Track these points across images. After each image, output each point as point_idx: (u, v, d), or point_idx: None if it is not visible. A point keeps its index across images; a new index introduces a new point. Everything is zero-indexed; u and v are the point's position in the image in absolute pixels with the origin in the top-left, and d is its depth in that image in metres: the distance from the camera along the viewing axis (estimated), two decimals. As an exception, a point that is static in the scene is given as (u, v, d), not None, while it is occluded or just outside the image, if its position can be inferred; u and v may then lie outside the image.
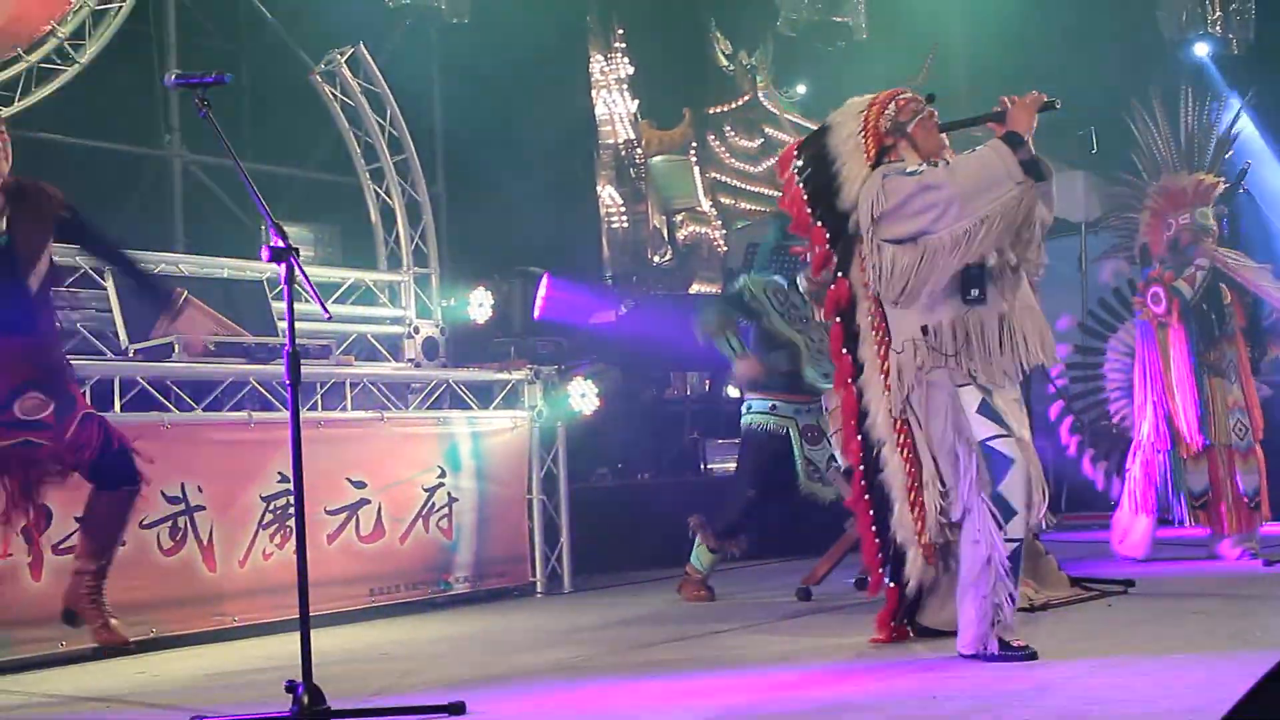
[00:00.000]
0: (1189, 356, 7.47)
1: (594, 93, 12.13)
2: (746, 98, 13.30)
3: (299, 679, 3.92)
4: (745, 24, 13.04)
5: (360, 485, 6.77)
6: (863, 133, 5.02)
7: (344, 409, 7.07)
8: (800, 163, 5.15)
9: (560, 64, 11.05)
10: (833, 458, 6.58)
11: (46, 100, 7.31)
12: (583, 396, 8.30)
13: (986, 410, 4.72)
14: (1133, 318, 7.88)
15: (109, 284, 6.52)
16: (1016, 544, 4.69)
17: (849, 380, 5.04)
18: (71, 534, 5.47)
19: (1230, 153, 7.81)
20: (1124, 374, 8.00)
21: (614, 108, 12.37)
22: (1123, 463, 7.89)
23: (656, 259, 12.55)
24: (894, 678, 4.41)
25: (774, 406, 6.79)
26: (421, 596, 6.99)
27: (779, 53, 13.24)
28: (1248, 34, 12.21)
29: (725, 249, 12.61)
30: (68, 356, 4.94)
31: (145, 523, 5.80)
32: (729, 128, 13.15)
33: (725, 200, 13.07)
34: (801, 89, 13.55)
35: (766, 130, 13.42)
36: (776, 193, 11.14)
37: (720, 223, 12.87)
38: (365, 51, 8.41)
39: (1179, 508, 7.50)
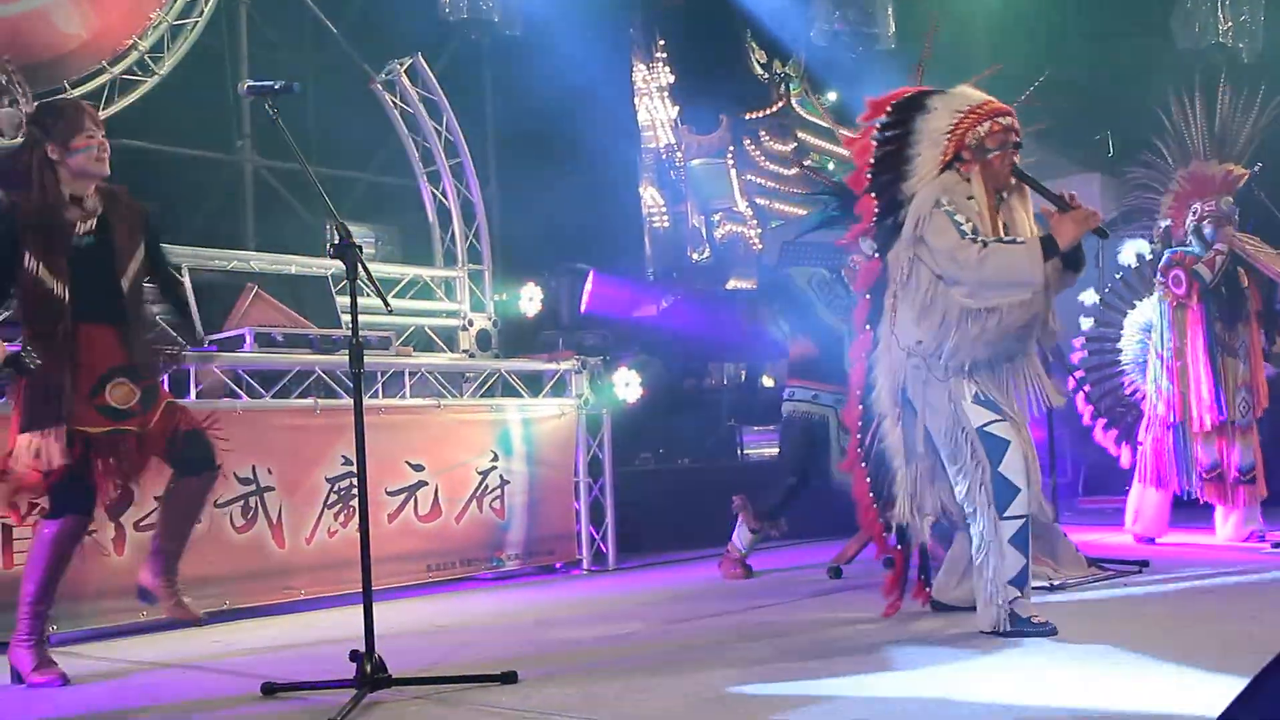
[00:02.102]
0: (1206, 336, 7.41)
1: (636, 100, 12.11)
2: (780, 104, 13.25)
3: (362, 649, 3.94)
4: (780, 35, 12.98)
5: (419, 468, 6.80)
6: (950, 134, 4.87)
7: (403, 397, 7.10)
8: (886, 121, 4.96)
9: (605, 73, 11.02)
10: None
11: (128, 109, 7.37)
12: (627, 385, 8.30)
13: (980, 399, 4.74)
14: (1150, 295, 7.82)
15: (185, 279, 6.56)
16: (1023, 519, 4.69)
17: (865, 354, 5.03)
18: (152, 512, 5.51)
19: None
20: (1140, 349, 7.94)
21: (655, 114, 12.34)
22: (1133, 433, 7.83)
23: (695, 256, 12.53)
24: (917, 656, 4.39)
25: (816, 396, 6.75)
26: (475, 573, 7.01)
27: (811, 61, 13.17)
28: (1257, 43, 12.06)
29: (760, 247, 12.58)
30: (155, 348, 4.95)
31: (219, 502, 5.85)
32: (764, 133, 13.09)
33: (760, 201, 13.02)
34: (832, 96, 13.49)
35: (799, 135, 13.36)
36: (808, 194, 11.11)
37: (756, 222, 12.82)
38: (423, 62, 8.43)
39: (1186, 481, 7.43)
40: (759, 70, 13.02)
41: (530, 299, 8.92)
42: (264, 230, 8.82)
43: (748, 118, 13.11)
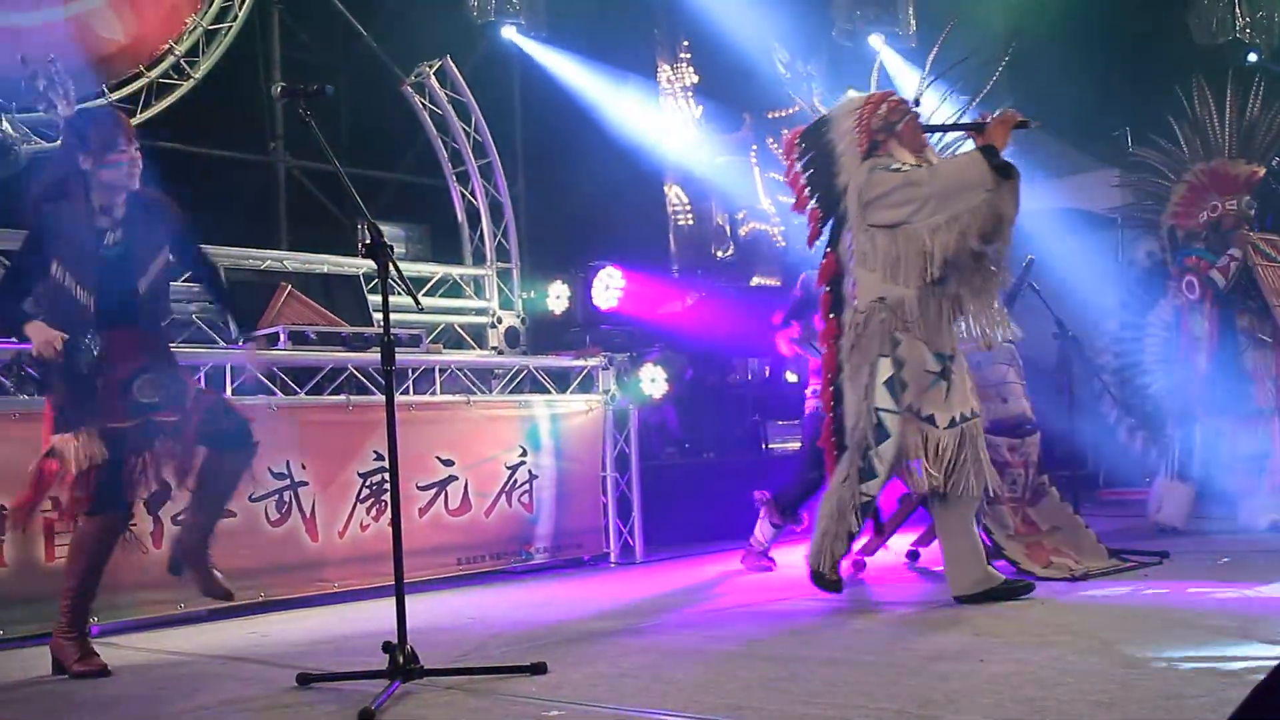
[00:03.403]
0: (1221, 335, 7.34)
1: (661, 99, 12.08)
2: (803, 103, 13.20)
3: (395, 640, 3.95)
4: (802, 34, 12.92)
5: (449, 463, 6.81)
6: (857, 128, 5.36)
7: (433, 393, 7.11)
8: (802, 148, 5.53)
9: (629, 73, 11.02)
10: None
11: (165, 112, 7.41)
12: (653, 381, 8.29)
13: (891, 385, 5.13)
14: (1167, 297, 7.76)
15: (222, 280, 6.59)
16: (870, 499, 5.27)
17: (832, 340, 5.40)
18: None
19: None
20: (1162, 347, 7.87)
21: (679, 113, 12.31)
22: (1159, 432, 7.77)
23: (720, 254, 12.48)
24: (940, 633, 4.38)
25: None
26: (505, 565, 7.02)
27: (833, 61, 13.11)
28: (1273, 40, 11.97)
29: (783, 244, 12.53)
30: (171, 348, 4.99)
31: (254, 496, 5.88)
32: (787, 132, 13.06)
33: (783, 199, 12.97)
34: (854, 94, 13.45)
35: (822, 133, 13.32)
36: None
37: (779, 219, 12.78)
38: (452, 64, 8.44)
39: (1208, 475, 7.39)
40: (782, 70, 12.96)
41: (557, 297, 8.93)
42: (296, 230, 8.85)
43: (770, 117, 13.05)
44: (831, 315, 5.40)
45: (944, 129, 5.58)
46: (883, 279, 5.15)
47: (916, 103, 5.46)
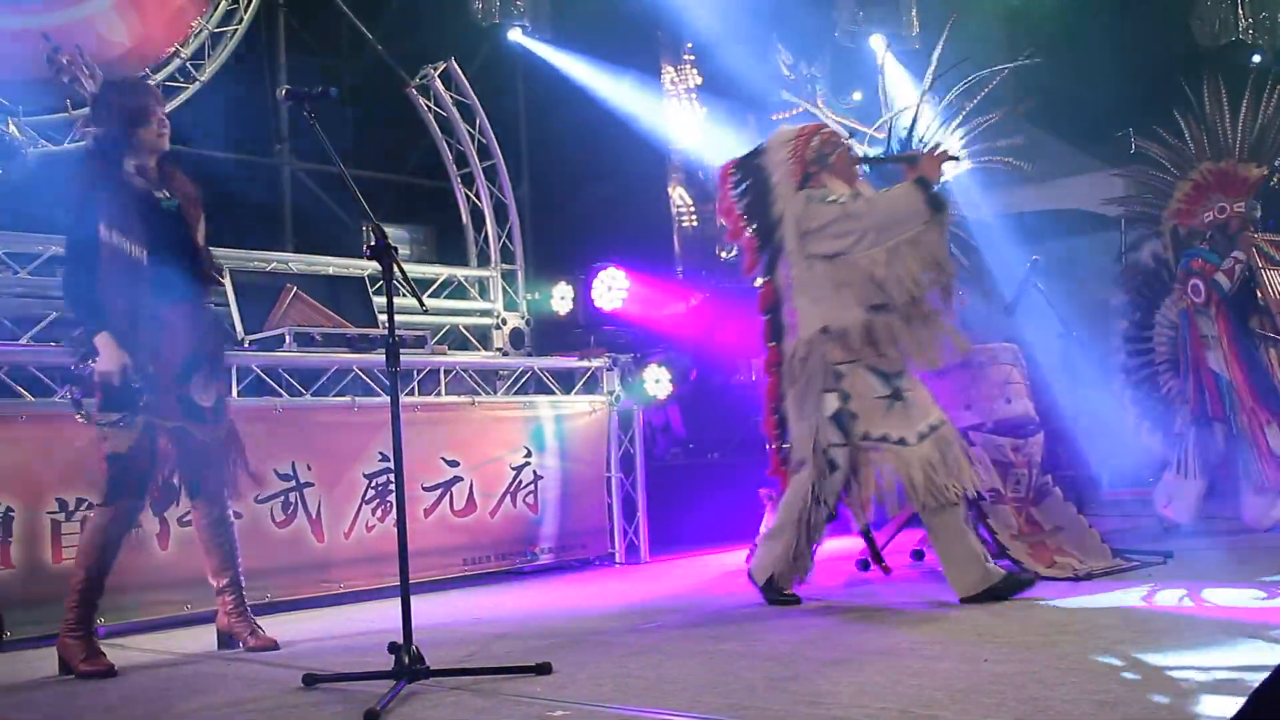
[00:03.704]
0: (1234, 334, 7.33)
1: (665, 101, 12.08)
2: (807, 105, 13.20)
3: (400, 641, 3.95)
4: (805, 36, 12.91)
5: (454, 464, 6.82)
6: (792, 159, 5.46)
7: (438, 394, 7.12)
8: (736, 178, 5.60)
9: (633, 76, 11.02)
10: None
11: (170, 114, 7.40)
12: (657, 382, 8.29)
13: (839, 418, 5.25)
14: (1172, 298, 7.74)
15: (226, 280, 6.61)
16: (819, 526, 5.41)
17: (773, 367, 5.52)
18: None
19: None
20: (1170, 347, 7.85)
21: (684, 115, 12.32)
22: (1169, 428, 7.75)
23: (724, 255, 12.49)
24: (944, 633, 4.37)
25: None
26: (510, 566, 7.03)
27: (837, 62, 13.11)
28: (1275, 41, 11.94)
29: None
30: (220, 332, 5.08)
31: (260, 498, 5.89)
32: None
33: (954, 156, 12.96)
34: (858, 96, 13.43)
35: (825, 135, 13.31)
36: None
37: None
38: (457, 67, 8.44)
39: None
40: (785, 71, 12.95)
41: (562, 298, 8.94)
42: (301, 232, 8.87)
43: (774, 118, 13.05)
44: (772, 343, 5.53)
45: (875, 161, 5.71)
46: (829, 307, 5.28)
47: (849, 135, 5.68)
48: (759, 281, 5.64)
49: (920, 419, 5.23)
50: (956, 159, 5.39)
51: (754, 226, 5.55)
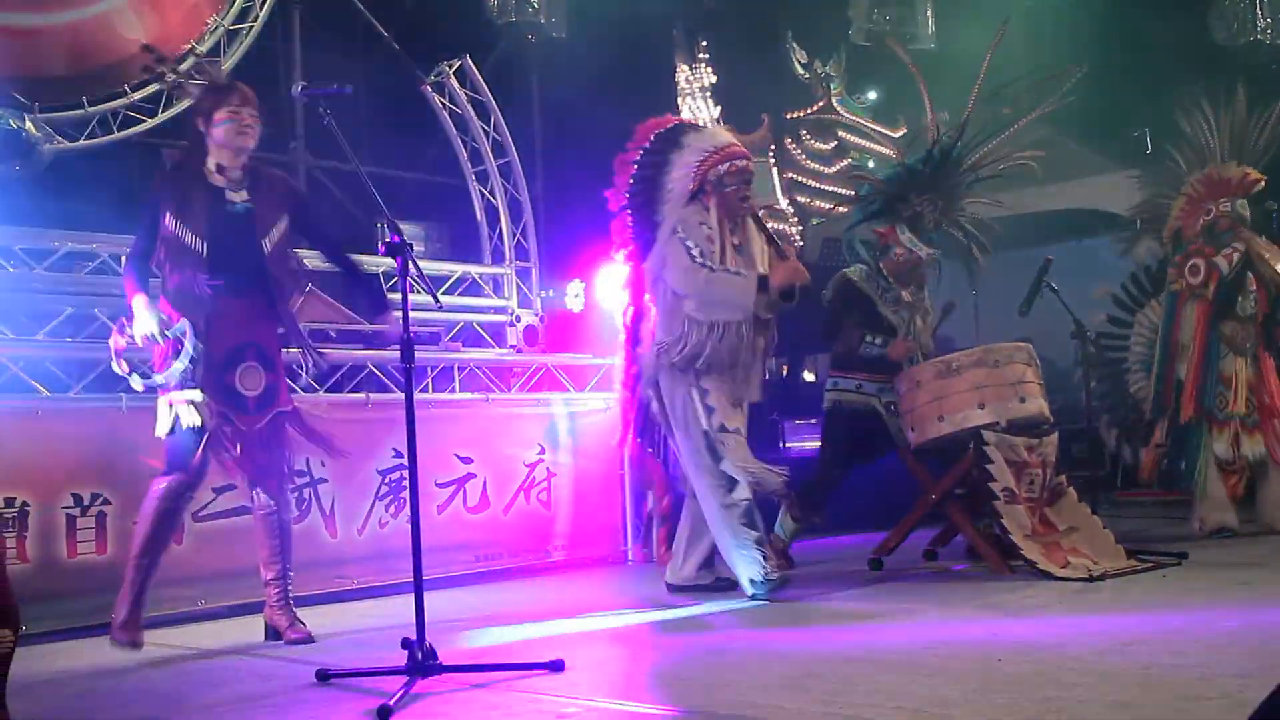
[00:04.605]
0: (1208, 330, 7.32)
1: (679, 100, 12.06)
2: (821, 104, 13.16)
3: (414, 636, 3.95)
4: (820, 35, 12.89)
5: (467, 461, 6.82)
6: (696, 169, 5.63)
7: (452, 391, 7.12)
8: (647, 149, 5.75)
9: (648, 73, 11.01)
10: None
11: (187, 112, 7.42)
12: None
13: (710, 408, 5.56)
14: (1158, 298, 7.72)
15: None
16: (747, 502, 5.52)
17: (632, 346, 5.84)
18: (210, 502, 5.58)
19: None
20: (1146, 350, 7.83)
21: (698, 114, 12.28)
22: (1146, 438, 7.71)
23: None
24: (958, 633, 4.36)
25: (860, 386, 6.73)
26: (523, 563, 7.03)
27: (851, 61, 13.09)
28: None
29: (802, 244, 12.51)
30: (298, 345, 5.10)
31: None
32: (805, 132, 13.00)
33: (802, 199, 12.94)
34: (872, 95, 13.40)
35: (840, 134, 13.29)
36: (849, 192, 11.05)
37: (797, 219, 12.75)
38: (471, 64, 8.44)
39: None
40: (800, 70, 12.93)
41: (575, 295, 8.92)
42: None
43: (789, 117, 13.04)
44: (628, 325, 5.86)
45: (764, 231, 5.83)
46: (667, 326, 5.63)
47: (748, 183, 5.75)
48: (623, 258, 5.94)
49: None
50: (806, 281, 5.69)
51: (633, 209, 5.75)
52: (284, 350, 5.06)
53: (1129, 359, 7.95)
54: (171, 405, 4.68)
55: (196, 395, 4.65)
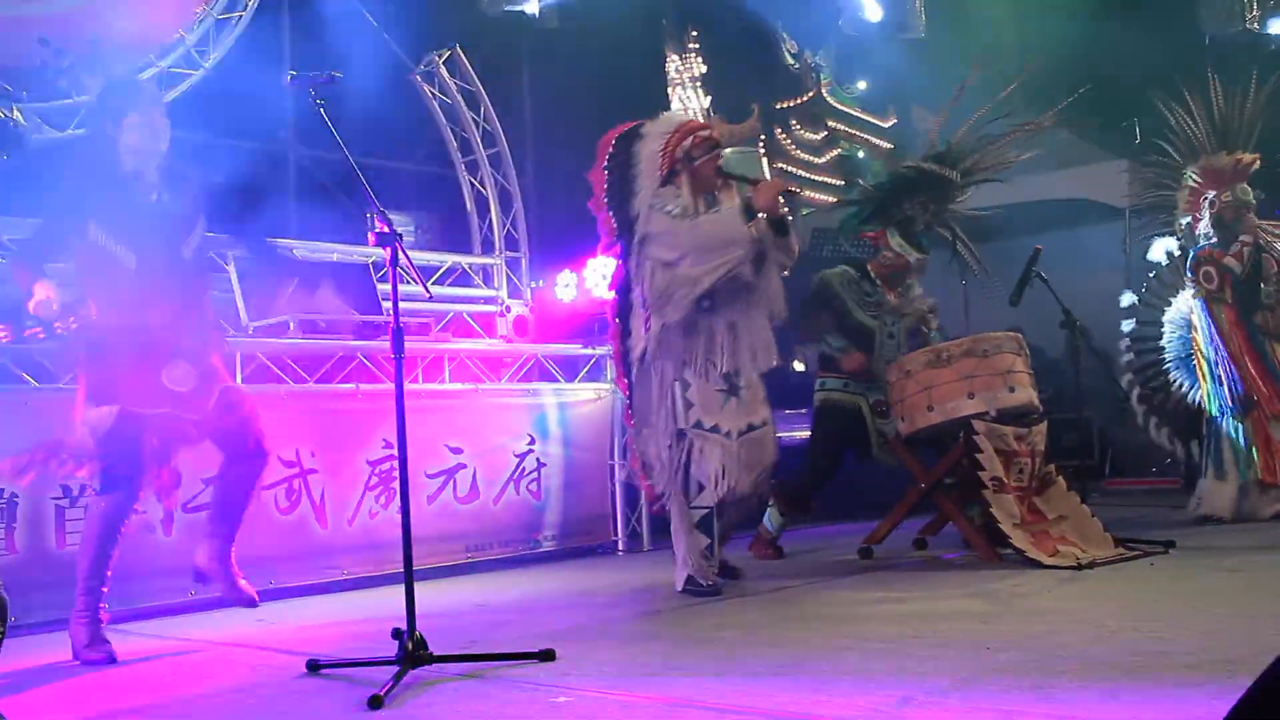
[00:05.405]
0: (1244, 325, 7.34)
1: (670, 90, 12.05)
2: (811, 94, 13.17)
3: (404, 627, 3.95)
4: (810, 25, 12.89)
5: (457, 451, 6.82)
6: (662, 152, 5.59)
7: (442, 381, 7.12)
8: (612, 152, 5.71)
9: (638, 63, 10.99)
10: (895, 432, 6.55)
11: (175, 101, 7.40)
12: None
13: (691, 404, 5.45)
14: (1183, 291, 7.75)
15: (230, 268, 6.60)
16: (707, 509, 5.49)
17: (619, 340, 5.71)
18: (199, 494, 5.57)
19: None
20: (1181, 345, 7.85)
21: (688, 104, 12.28)
22: (1194, 430, 7.76)
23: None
24: (947, 621, 4.37)
25: (847, 384, 6.78)
26: (513, 553, 7.03)
27: (841, 51, 13.08)
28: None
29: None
30: (218, 331, 5.02)
31: (264, 485, 5.87)
32: (795, 122, 13.01)
33: (791, 189, 12.98)
34: (862, 85, 13.41)
35: (829, 124, 13.29)
36: (839, 182, 11.08)
37: (787, 210, 12.79)
38: (461, 54, 8.42)
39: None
40: (790, 60, 12.93)
41: (566, 286, 8.91)
42: (306, 218, 8.85)
43: (779, 107, 13.04)
44: (617, 320, 5.71)
45: (734, 178, 5.79)
46: (666, 305, 5.47)
47: (717, 144, 5.71)
48: (611, 256, 5.87)
49: (745, 416, 5.49)
50: (795, 191, 5.61)
51: (614, 211, 5.70)
52: (217, 344, 4.99)
53: (1165, 357, 7.98)
54: (88, 417, 4.53)
55: (114, 409, 4.51)
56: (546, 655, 4.06)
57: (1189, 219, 7.67)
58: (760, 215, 5.47)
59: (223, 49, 7.55)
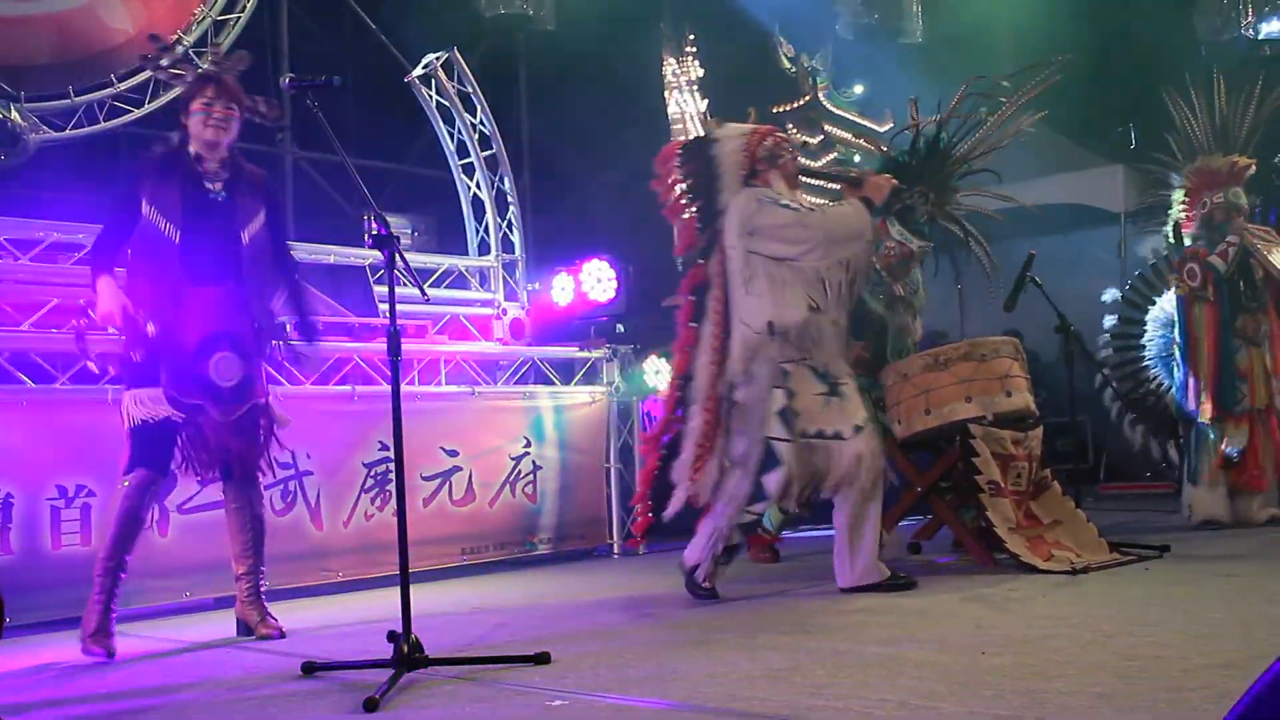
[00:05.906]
0: (1220, 329, 7.35)
1: (667, 93, 12.05)
2: (807, 98, 13.17)
3: (399, 630, 3.95)
4: (807, 29, 12.90)
5: (453, 454, 6.82)
6: (744, 152, 5.53)
7: (438, 384, 7.11)
8: (682, 159, 5.64)
9: (635, 67, 11.00)
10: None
11: (173, 102, 7.39)
12: (657, 373, 8.28)
13: (784, 415, 5.29)
14: (1169, 291, 7.76)
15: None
16: (755, 519, 5.58)
17: (687, 348, 5.53)
18: (194, 495, 5.57)
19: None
20: (1163, 343, 7.88)
21: (685, 107, 12.28)
22: (1170, 429, 7.77)
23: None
24: (943, 626, 4.37)
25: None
26: (508, 556, 7.03)
27: (838, 56, 13.09)
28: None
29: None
30: (277, 338, 5.05)
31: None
32: (791, 125, 13.00)
33: (899, 186, 12.98)
34: (859, 89, 13.42)
35: (826, 128, 13.30)
36: (835, 186, 11.07)
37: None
38: (459, 57, 8.42)
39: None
40: (787, 64, 12.93)
41: (562, 288, 8.92)
42: (303, 221, 8.85)
43: (776, 111, 13.04)
44: (692, 324, 5.56)
45: (820, 175, 5.82)
46: (772, 305, 5.33)
47: (803, 145, 5.81)
48: (689, 262, 5.74)
49: (852, 416, 5.38)
50: (902, 188, 5.62)
51: (696, 208, 5.60)
52: (272, 343, 5.02)
53: (1145, 356, 8.00)
54: (136, 400, 4.65)
55: (155, 391, 4.62)
56: (542, 658, 4.05)
57: (1181, 218, 7.68)
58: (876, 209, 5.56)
59: (221, 50, 7.54)
